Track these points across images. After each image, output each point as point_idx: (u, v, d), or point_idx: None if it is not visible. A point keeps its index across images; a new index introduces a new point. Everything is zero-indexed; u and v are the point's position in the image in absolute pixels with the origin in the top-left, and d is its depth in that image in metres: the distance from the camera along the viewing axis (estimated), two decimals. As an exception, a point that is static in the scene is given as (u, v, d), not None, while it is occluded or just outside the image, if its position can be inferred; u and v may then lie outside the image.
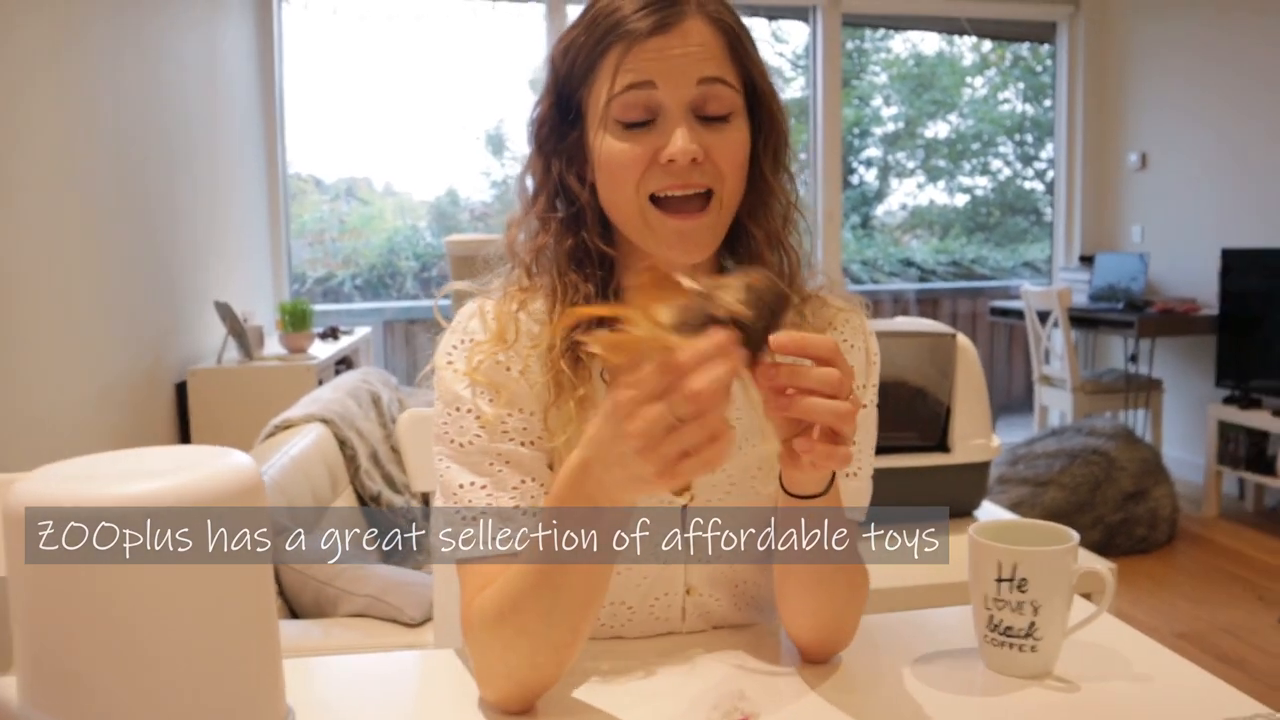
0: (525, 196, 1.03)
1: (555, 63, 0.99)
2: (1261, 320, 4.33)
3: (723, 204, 0.95)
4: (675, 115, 0.92)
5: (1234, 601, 3.48)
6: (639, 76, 0.92)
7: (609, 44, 0.93)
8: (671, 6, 0.92)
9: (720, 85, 0.93)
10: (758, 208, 1.01)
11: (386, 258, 5.70)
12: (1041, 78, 6.38)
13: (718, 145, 0.93)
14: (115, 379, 3.13)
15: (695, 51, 0.92)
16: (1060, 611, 0.94)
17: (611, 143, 0.94)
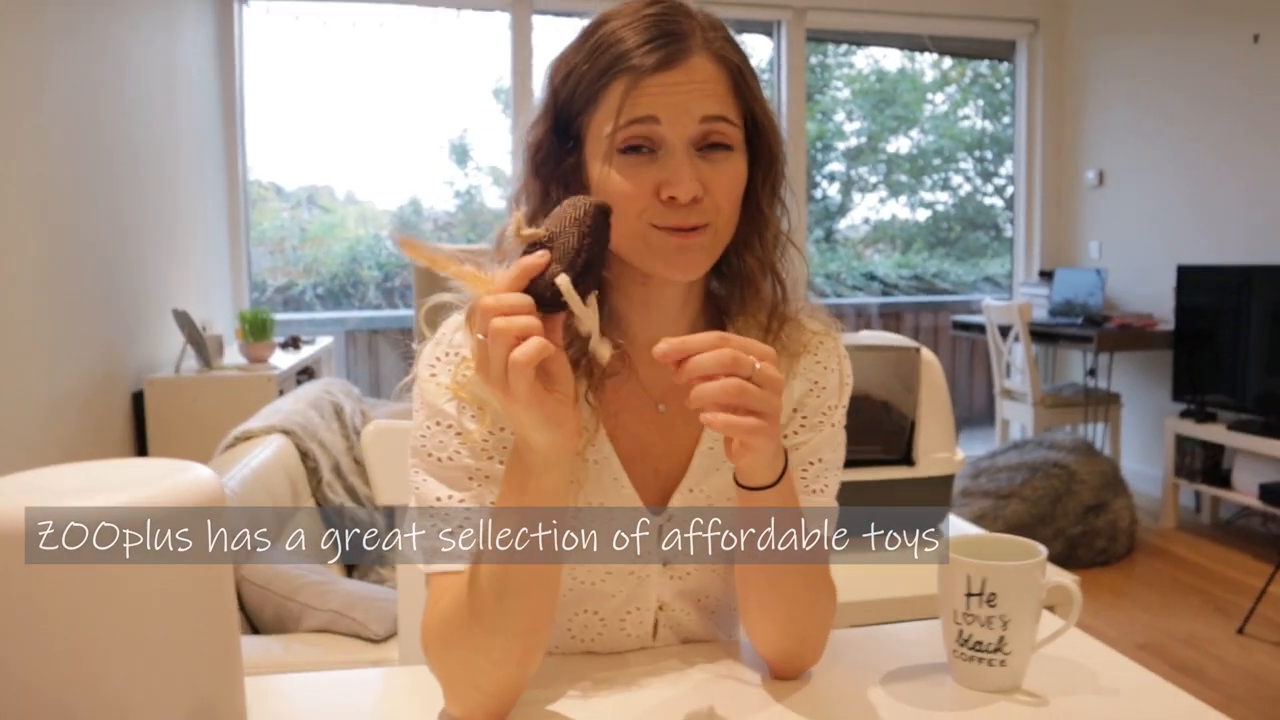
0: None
1: (555, 86, 0.98)
2: (1215, 336, 4.41)
3: (717, 233, 0.95)
4: (678, 150, 0.92)
5: (1192, 613, 3.53)
6: (643, 112, 0.91)
7: (613, 76, 0.92)
8: (676, 41, 0.92)
9: (722, 123, 0.93)
10: (752, 237, 1.01)
11: (349, 267, 5.65)
12: (1001, 95, 6.47)
13: (716, 179, 0.93)
14: (69, 388, 3.07)
15: (700, 88, 0.92)
16: (1029, 626, 0.94)
17: (614, 176, 0.93)
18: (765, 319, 1.03)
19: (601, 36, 0.94)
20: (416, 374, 0.99)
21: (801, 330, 1.06)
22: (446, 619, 0.89)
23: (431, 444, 0.95)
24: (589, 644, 1.06)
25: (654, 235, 0.93)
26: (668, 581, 1.05)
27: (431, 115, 5.66)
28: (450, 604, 0.89)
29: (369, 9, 5.12)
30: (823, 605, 0.98)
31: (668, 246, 0.93)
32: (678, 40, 0.92)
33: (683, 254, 0.93)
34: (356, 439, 2.87)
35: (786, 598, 0.96)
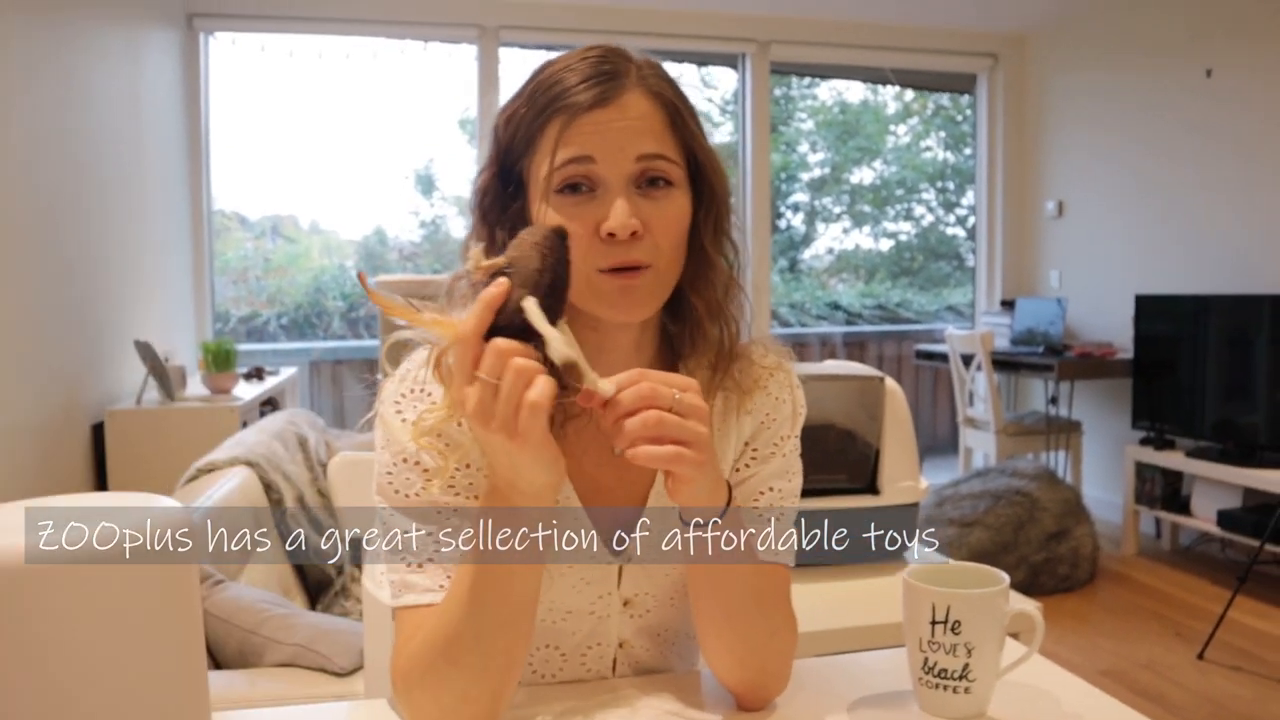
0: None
1: (498, 132, 0.99)
2: (1174, 364, 4.49)
3: (659, 274, 0.95)
4: (615, 189, 0.92)
5: (1153, 638, 3.56)
6: (578, 151, 0.92)
7: (549, 116, 0.93)
8: (611, 80, 0.93)
9: (660, 160, 0.94)
10: (698, 278, 1.01)
11: (313, 297, 5.62)
12: (962, 126, 6.58)
13: (657, 216, 0.93)
14: (28, 419, 3.02)
15: (634, 125, 0.93)
16: (993, 653, 0.95)
17: (553, 216, 0.93)
18: (713, 358, 1.03)
19: (540, 80, 0.96)
20: (380, 412, 0.98)
21: (752, 366, 1.07)
22: (419, 658, 0.88)
23: (398, 482, 0.95)
24: (549, 678, 1.06)
25: (598, 279, 0.93)
26: (628, 620, 1.06)
27: (397, 145, 5.67)
28: (423, 643, 0.88)
29: (335, 40, 5.13)
30: (781, 636, 0.99)
31: (611, 289, 0.93)
32: (612, 78, 0.93)
33: (625, 295, 0.93)
34: (321, 471, 2.85)
35: (742, 631, 0.96)
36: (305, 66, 5.24)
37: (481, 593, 0.85)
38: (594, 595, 1.03)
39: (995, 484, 4.16)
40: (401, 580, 0.93)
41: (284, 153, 5.41)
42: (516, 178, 0.98)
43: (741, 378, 1.05)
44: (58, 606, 0.63)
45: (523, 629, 0.88)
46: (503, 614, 0.86)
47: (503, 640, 0.86)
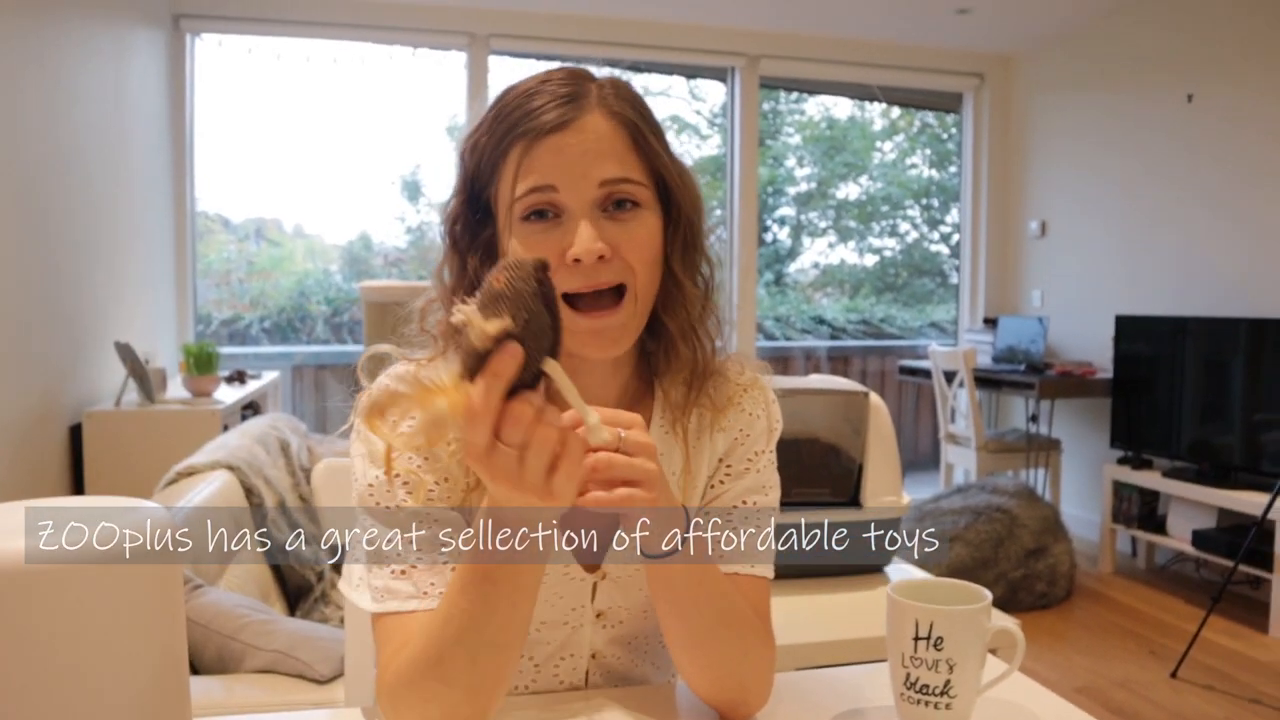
0: (442, 288, 1.01)
1: (464, 159, 0.98)
2: (1151, 384, 4.52)
3: (637, 297, 0.94)
4: (578, 215, 0.91)
5: (1128, 656, 3.58)
6: (540, 180, 0.91)
7: (510, 143, 0.93)
8: (571, 102, 0.92)
9: (625, 184, 0.93)
10: (669, 302, 1.00)
11: (296, 301, 5.60)
12: (947, 145, 6.62)
13: (625, 239, 0.93)
14: (3, 419, 2.99)
15: (594, 148, 0.92)
16: (974, 669, 0.95)
17: (517, 247, 0.93)
18: (688, 377, 1.03)
19: (501, 106, 0.95)
20: (358, 424, 0.97)
21: (726, 383, 1.07)
22: (408, 673, 0.87)
23: (379, 494, 0.95)
24: (521, 689, 1.06)
25: (566, 314, 0.91)
26: (600, 630, 1.06)
27: (384, 151, 5.66)
28: (412, 659, 0.87)
29: (323, 44, 5.12)
30: (755, 654, 0.98)
31: (580, 328, 0.92)
32: (572, 100, 0.92)
33: (597, 335, 0.93)
34: (303, 476, 2.83)
35: (715, 652, 0.95)
36: (292, 70, 5.23)
37: (476, 614, 0.83)
38: (567, 608, 1.03)
39: (975, 500, 4.18)
40: (385, 587, 0.93)
41: (269, 155, 5.40)
42: (484, 205, 0.98)
43: (716, 394, 1.05)
44: (45, 609, 0.63)
45: (515, 650, 0.87)
46: (497, 636, 0.84)
47: (495, 660, 0.85)
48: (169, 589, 0.69)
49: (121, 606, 0.66)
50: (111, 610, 0.65)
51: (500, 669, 0.86)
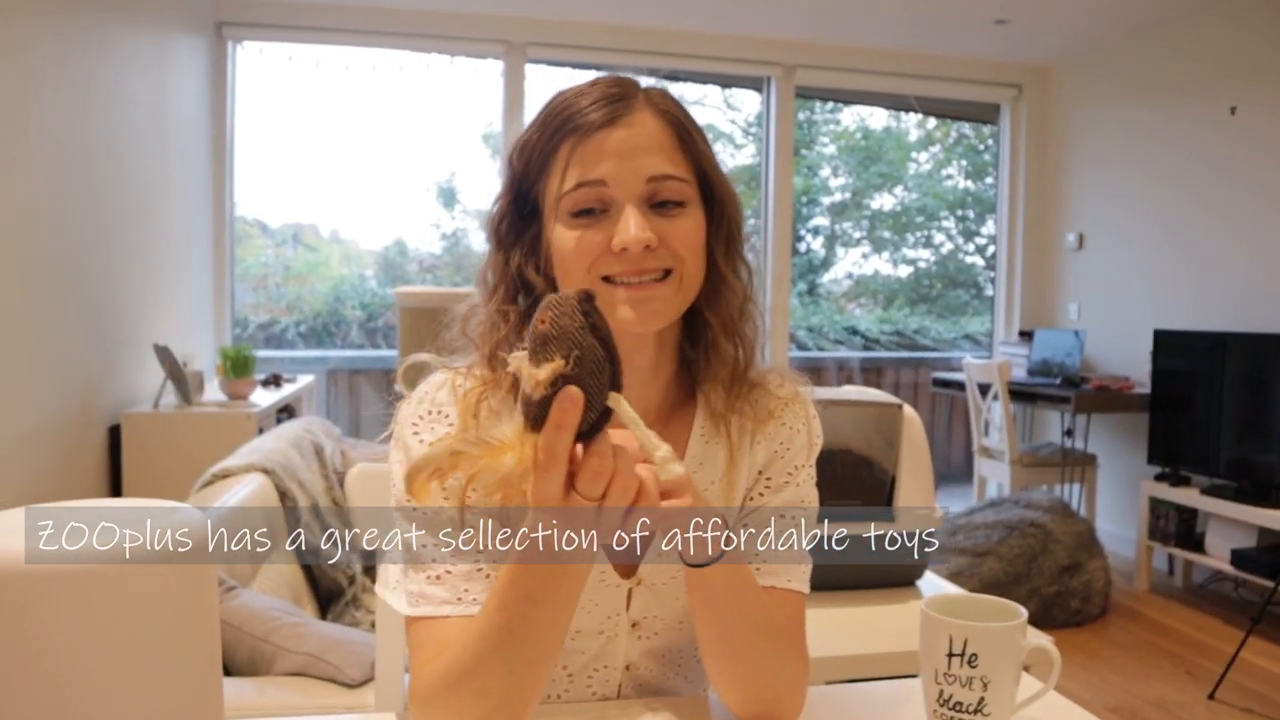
0: (485, 289, 1.03)
1: (512, 161, 1.01)
2: (1190, 400, 4.46)
3: (683, 281, 0.96)
4: (627, 207, 0.93)
5: (1164, 676, 3.53)
6: (590, 174, 0.93)
7: (560, 138, 0.95)
8: (620, 101, 0.95)
9: (671, 181, 0.95)
10: (713, 296, 1.02)
11: (332, 305, 5.65)
12: (983, 156, 6.58)
13: (672, 230, 0.94)
14: (45, 420, 3.04)
15: (643, 144, 0.94)
16: (1009, 687, 0.94)
17: (564, 232, 0.95)
18: (729, 380, 1.03)
19: (551, 108, 0.98)
20: (398, 433, 0.99)
21: (768, 396, 1.07)
22: (443, 681, 0.87)
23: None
24: (554, 698, 1.06)
25: (603, 289, 0.94)
26: (636, 641, 1.05)
27: (420, 158, 5.70)
28: (449, 667, 0.87)
29: (363, 52, 5.18)
30: (790, 667, 0.98)
31: (617, 298, 0.93)
32: (621, 99, 0.95)
33: (637, 304, 0.94)
34: (336, 479, 2.86)
35: (752, 664, 0.95)
36: (332, 77, 5.29)
37: (514, 627, 0.84)
38: (603, 615, 1.03)
39: (1009, 515, 4.14)
40: (420, 591, 0.94)
41: (307, 161, 5.45)
42: (532, 203, 1.00)
43: (757, 406, 1.05)
44: (78, 611, 0.63)
45: (551, 662, 0.87)
46: (534, 650, 0.85)
47: (531, 672, 0.86)
48: (204, 591, 0.70)
49: (158, 608, 0.66)
50: (147, 611, 0.66)
51: (536, 680, 0.86)
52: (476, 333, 1.01)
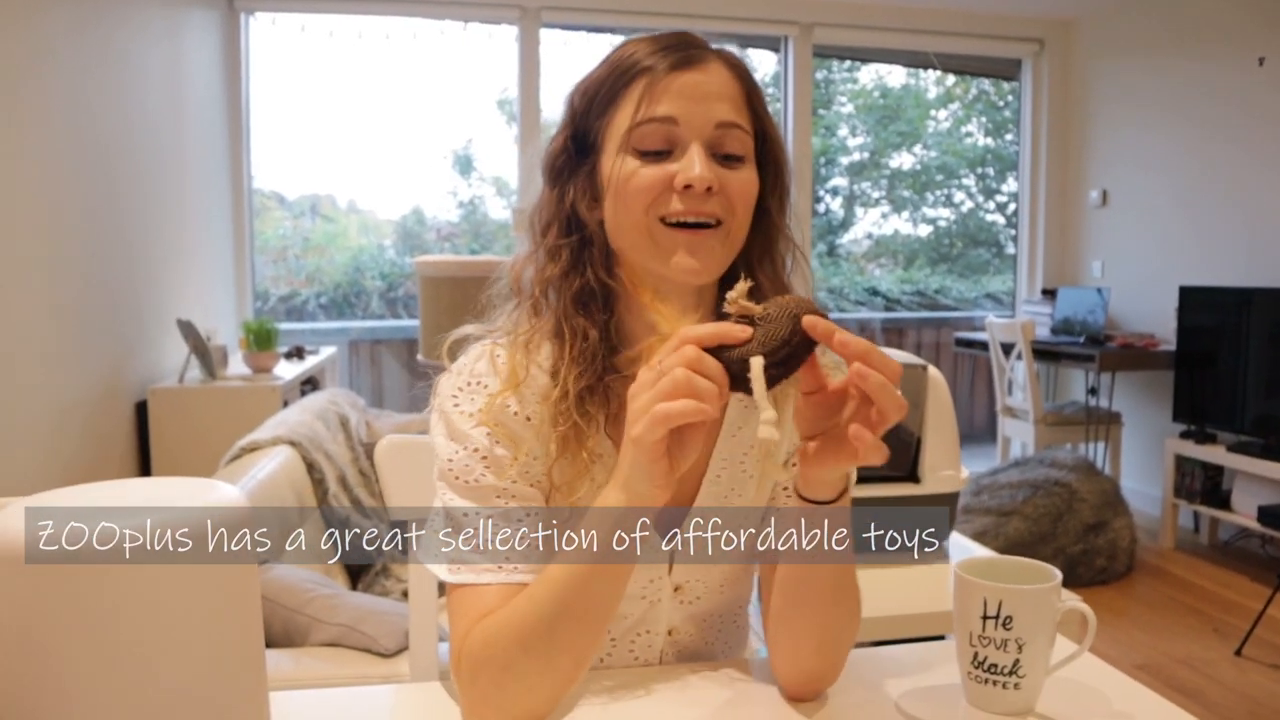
0: (534, 231, 1.04)
1: (574, 101, 1.01)
2: (1216, 357, 4.42)
3: (730, 234, 0.97)
4: (693, 147, 0.94)
5: (1191, 634, 3.53)
6: (660, 111, 0.94)
7: (632, 77, 0.96)
8: (694, 48, 0.97)
9: (737, 130, 0.96)
10: (764, 252, 1.02)
11: (351, 276, 5.66)
12: (1003, 112, 6.49)
13: (731, 181, 0.95)
14: (74, 397, 3.07)
15: (715, 91, 0.96)
16: (1044, 649, 0.94)
17: (629, 165, 0.95)
18: None
19: (620, 54, 0.99)
20: (439, 405, 1.00)
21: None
22: (485, 645, 0.88)
23: (458, 468, 0.96)
24: (597, 663, 1.06)
25: (660, 232, 0.95)
26: (678, 607, 1.06)
27: (435, 126, 5.68)
28: (491, 631, 0.88)
29: (375, 20, 5.15)
30: (853, 623, 0.98)
31: (674, 242, 0.94)
32: (695, 47, 0.97)
33: (692, 250, 0.94)
34: (361, 450, 2.88)
35: (826, 620, 0.95)
36: (345, 47, 5.26)
37: (567, 598, 0.86)
38: (645, 579, 1.03)
39: (1033, 474, 4.13)
40: (460, 559, 0.94)
41: (322, 132, 5.44)
42: (592, 139, 1.00)
43: None
44: (123, 586, 0.64)
45: (600, 633, 0.88)
46: (579, 613, 0.86)
47: (580, 644, 0.87)
48: (245, 568, 0.71)
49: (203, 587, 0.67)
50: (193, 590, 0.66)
51: (581, 649, 0.87)
52: (525, 279, 1.03)
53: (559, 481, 0.97)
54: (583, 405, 0.96)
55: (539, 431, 0.98)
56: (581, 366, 0.97)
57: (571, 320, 0.99)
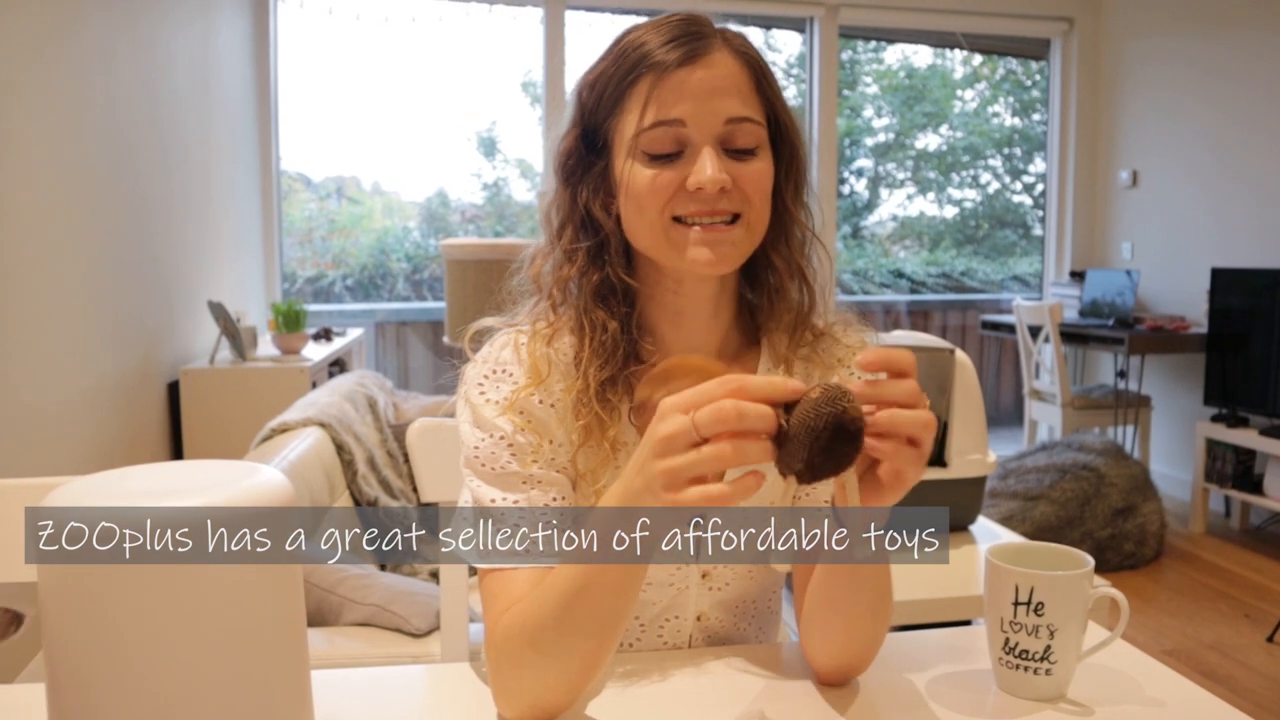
0: (550, 229, 1.04)
1: (582, 95, 1.00)
2: (1249, 340, 4.37)
3: (750, 225, 0.96)
4: (702, 148, 0.93)
5: (1221, 619, 3.50)
6: (668, 113, 0.93)
7: (637, 75, 0.94)
8: (699, 39, 0.94)
9: (747, 123, 0.95)
10: (779, 238, 1.02)
11: (377, 258, 5.68)
12: (1031, 92, 6.42)
13: (744, 175, 0.94)
14: (106, 378, 3.10)
15: (721, 85, 0.94)
16: (1075, 635, 0.94)
17: (639, 170, 0.94)
18: (793, 324, 1.04)
19: (625, 44, 0.97)
20: (465, 394, 1.00)
21: (836, 344, 1.07)
22: (506, 639, 0.88)
23: (485, 456, 0.97)
24: (626, 647, 1.07)
25: (674, 230, 0.94)
26: (706, 592, 1.07)
27: (460, 108, 5.68)
28: (512, 625, 0.88)
29: (402, 3, 5.15)
30: (886, 620, 0.97)
31: (686, 239, 0.94)
32: (700, 38, 0.95)
33: (708, 245, 0.94)
34: (389, 431, 2.90)
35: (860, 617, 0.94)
36: (371, 29, 5.27)
37: (572, 601, 0.84)
38: (672, 566, 1.04)
39: (1061, 458, 4.10)
40: (490, 545, 0.95)
41: (348, 114, 5.46)
42: (602, 139, 0.99)
43: (825, 354, 1.04)
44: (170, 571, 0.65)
45: (626, 618, 0.86)
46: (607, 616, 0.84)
47: (597, 641, 0.85)
48: (289, 549, 0.72)
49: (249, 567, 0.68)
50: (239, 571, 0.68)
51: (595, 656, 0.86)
52: (544, 275, 1.03)
53: (583, 469, 0.98)
54: (604, 396, 0.97)
55: (563, 419, 0.98)
56: (602, 358, 0.97)
57: (591, 314, 0.99)
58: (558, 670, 0.86)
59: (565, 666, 0.86)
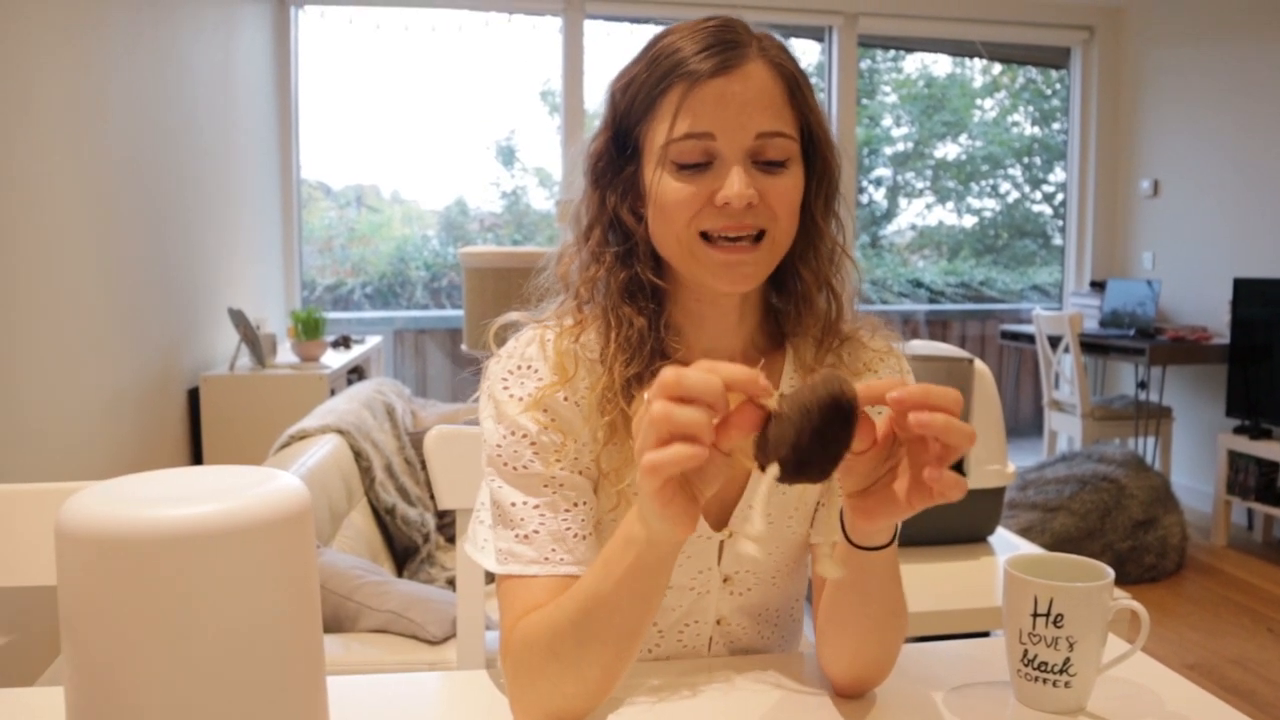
0: (579, 228, 1.03)
1: (615, 98, 0.99)
2: (1272, 350, 4.33)
3: (775, 243, 0.95)
4: (732, 162, 0.92)
5: (1243, 633, 3.47)
6: (698, 126, 0.92)
7: (669, 83, 0.93)
8: (734, 49, 0.93)
9: (778, 138, 0.93)
10: (807, 250, 1.01)
11: (396, 266, 5.71)
12: (1051, 101, 6.40)
13: (772, 190, 0.93)
14: (127, 384, 3.13)
15: (755, 99, 0.92)
16: (1095, 648, 0.93)
17: (668, 181, 0.94)
18: (819, 333, 1.03)
19: (660, 48, 0.95)
20: (489, 389, 1.00)
21: (863, 349, 1.06)
22: (524, 646, 0.88)
23: (507, 454, 0.96)
24: (645, 654, 1.06)
25: (700, 248, 0.93)
26: (728, 597, 1.06)
27: (479, 117, 5.71)
28: (531, 632, 0.88)
29: (421, 13, 5.18)
30: (900, 632, 0.97)
31: (713, 260, 0.93)
32: (734, 48, 0.93)
33: (730, 269, 0.93)
34: (407, 439, 2.90)
35: (876, 638, 0.94)
36: (391, 38, 5.30)
37: (591, 616, 0.84)
38: (694, 570, 1.03)
39: (1081, 469, 4.07)
40: (508, 550, 0.94)
41: (367, 123, 5.49)
42: (633, 143, 0.98)
43: (851, 360, 1.04)
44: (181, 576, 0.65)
45: (647, 624, 0.86)
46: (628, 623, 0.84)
47: (616, 651, 0.85)
48: (305, 554, 0.72)
49: (266, 570, 0.68)
50: (257, 574, 0.68)
51: (614, 667, 0.86)
52: (571, 274, 1.02)
53: (606, 468, 0.97)
54: (629, 393, 0.96)
55: (588, 416, 0.97)
56: (628, 354, 0.96)
57: (619, 309, 0.98)
58: (577, 679, 0.86)
59: (584, 675, 0.86)
